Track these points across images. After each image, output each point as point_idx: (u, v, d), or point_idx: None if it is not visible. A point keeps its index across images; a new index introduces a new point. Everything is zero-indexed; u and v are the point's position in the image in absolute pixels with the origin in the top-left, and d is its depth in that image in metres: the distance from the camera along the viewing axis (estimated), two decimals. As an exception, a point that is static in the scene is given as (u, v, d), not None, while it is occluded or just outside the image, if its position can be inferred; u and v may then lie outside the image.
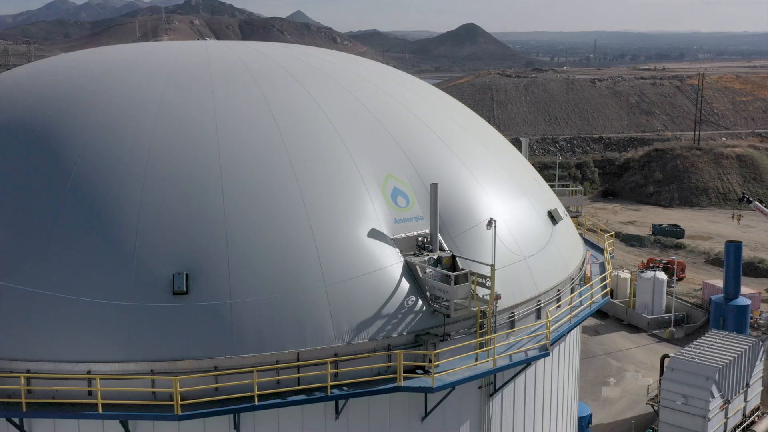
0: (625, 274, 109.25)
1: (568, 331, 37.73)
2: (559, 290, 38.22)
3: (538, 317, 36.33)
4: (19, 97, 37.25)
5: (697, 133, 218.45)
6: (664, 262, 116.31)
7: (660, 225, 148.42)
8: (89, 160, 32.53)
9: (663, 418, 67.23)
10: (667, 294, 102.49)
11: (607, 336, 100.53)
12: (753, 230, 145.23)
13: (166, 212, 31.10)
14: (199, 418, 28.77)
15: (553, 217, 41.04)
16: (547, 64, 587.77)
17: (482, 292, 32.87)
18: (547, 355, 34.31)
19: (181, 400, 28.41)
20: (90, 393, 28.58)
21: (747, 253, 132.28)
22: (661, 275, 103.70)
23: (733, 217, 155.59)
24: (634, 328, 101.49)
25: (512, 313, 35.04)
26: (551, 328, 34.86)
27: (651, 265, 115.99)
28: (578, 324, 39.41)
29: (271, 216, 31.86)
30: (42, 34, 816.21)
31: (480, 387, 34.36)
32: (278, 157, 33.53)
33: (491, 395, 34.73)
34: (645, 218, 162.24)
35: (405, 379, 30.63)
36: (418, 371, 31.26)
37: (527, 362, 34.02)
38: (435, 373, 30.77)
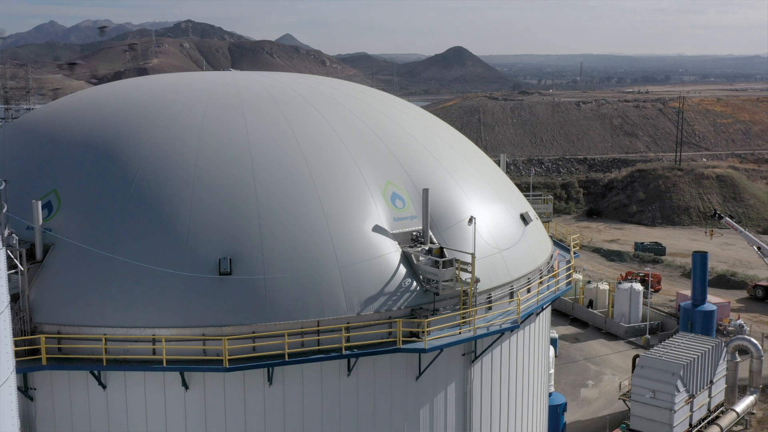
0: (604, 286, 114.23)
1: (536, 311, 45.43)
2: (529, 278, 45.78)
3: (511, 299, 43.76)
4: (85, 119, 44.80)
5: (678, 154, 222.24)
6: (641, 275, 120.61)
7: (642, 243, 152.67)
8: (147, 170, 40.02)
9: (634, 411, 72.13)
10: (643, 304, 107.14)
11: (587, 343, 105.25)
12: (732, 248, 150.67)
13: (212, 212, 38.61)
14: (241, 371, 36.07)
15: (524, 219, 48.66)
16: (534, 86, 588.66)
17: (465, 276, 40.39)
18: (518, 327, 42.14)
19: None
20: (154, 351, 35.88)
21: (722, 267, 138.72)
22: (638, 286, 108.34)
23: (706, 233, 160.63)
24: (612, 335, 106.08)
25: (489, 295, 42.57)
26: (521, 307, 42.62)
27: (629, 277, 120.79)
28: (545, 305, 47.10)
29: (295, 214, 39.43)
30: (32, 56, 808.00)
31: (463, 354, 41.81)
32: (299, 168, 41.09)
33: (472, 362, 42.20)
34: (628, 236, 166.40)
35: (403, 343, 38.12)
36: (414, 339, 38.75)
37: (501, 332, 41.63)
38: (427, 339, 38.32)
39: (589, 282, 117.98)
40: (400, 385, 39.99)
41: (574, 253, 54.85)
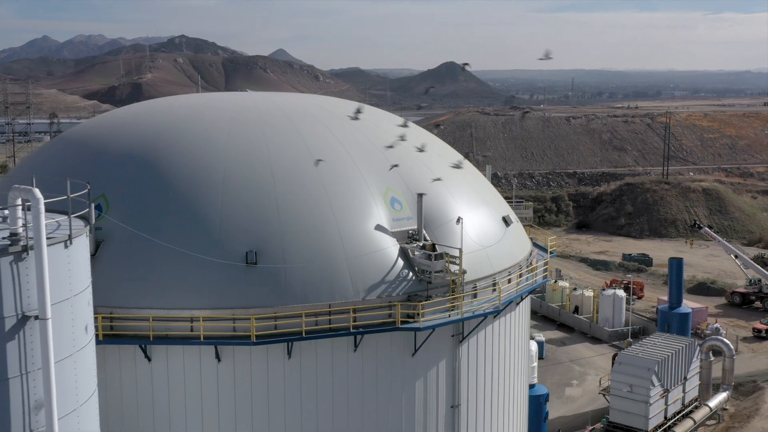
0: (589, 293, 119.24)
1: (515, 300, 52.35)
2: (509, 272, 52.52)
3: (494, 289, 50.35)
4: (126, 134, 51.43)
5: (665, 168, 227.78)
6: (624, 282, 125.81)
7: (630, 254, 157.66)
8: (182, 178, 46.68)
9: (613, 404, 77.45)
10: (626, 310, 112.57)
11: (572, 346, 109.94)
12: (717, 259, 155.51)
13: (240, 212, 45.34)
14: (265, 345, 42.73)
15: (505, 221, 55.46)
16: (526, 101, 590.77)
17: (453, 268, 47.14)
18: (499, 312, 48.93)
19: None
20: (192, 329, 42.48)
21: (702, 276, 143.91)
22: (621, 293, 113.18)
23: (686, 242, 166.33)
24: (596, 339, 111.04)
25: (475, 285, 49.25)
26: (502, 295, 49.46)
27: (613, 285, 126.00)
28: (524, 295, 54.16)
29: (309, 214, 46.22)
30: (25, 71, 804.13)
31: (452, 335, 48.52)
32: (312, 175, 47.82)
33: (460, 342, 48.92)
34: (616, 248, 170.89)
35: (401, 323, 44.99)
36: (410, 320, 45.43)
37: (484, 316, 48.38)
38: (421, 320, 45.15)
39: (575, 289, 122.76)
40: (399, 360, 46.60)
41: (551, 252, 61.37)
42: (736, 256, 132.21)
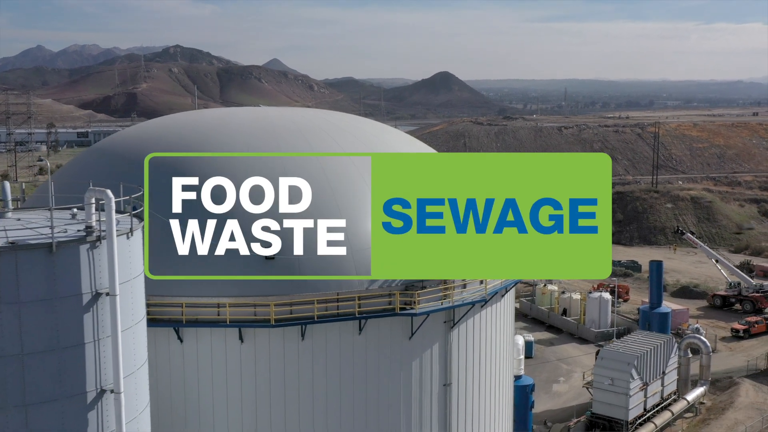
0: (577, 296, 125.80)
1: (500, 291, 58.66)
2: (496, 267, 58.83)
3: (482, 281, 56.39)
4: (153, 143, 57.17)
5: (655, 177, 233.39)
6: (610, 286, 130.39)
7: (619, 261, 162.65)
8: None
9: (595, 397, 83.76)
10: (612, 312, 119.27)
11: (560, 347, 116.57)
12: (704, 266, 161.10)
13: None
14: (282, 327, 49.03)
15: (493, 221, 61.67)
16: (519, 111, 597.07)
17: (446, 262, 53.40)
18: (486, 301, 55.28)
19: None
20: (218, 314, 48.74)
21: (686, 280, 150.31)
22: (606, 295, 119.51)
23: (670, 247, 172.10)
24: (583, 340, 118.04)
25: (464, 277, 55.50)
26: (488, 287, 55.81)
27: (599, 288, 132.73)
28: (509, 288, 60.39)
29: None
30: (20, 81, 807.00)
31: (444, 321, 54.78)
32: (320, 179, 53.48)
33: (452, 328, 55.14)
34: None
35: (400, 310, 51.35)
36: (407, 307, 51.70)
37: (472, 304, 54.61)
38: (417, 307, 51.52)
39: (563, 292, 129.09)
40: (397, 343, 52.76)
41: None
42: (717, 261, 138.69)
